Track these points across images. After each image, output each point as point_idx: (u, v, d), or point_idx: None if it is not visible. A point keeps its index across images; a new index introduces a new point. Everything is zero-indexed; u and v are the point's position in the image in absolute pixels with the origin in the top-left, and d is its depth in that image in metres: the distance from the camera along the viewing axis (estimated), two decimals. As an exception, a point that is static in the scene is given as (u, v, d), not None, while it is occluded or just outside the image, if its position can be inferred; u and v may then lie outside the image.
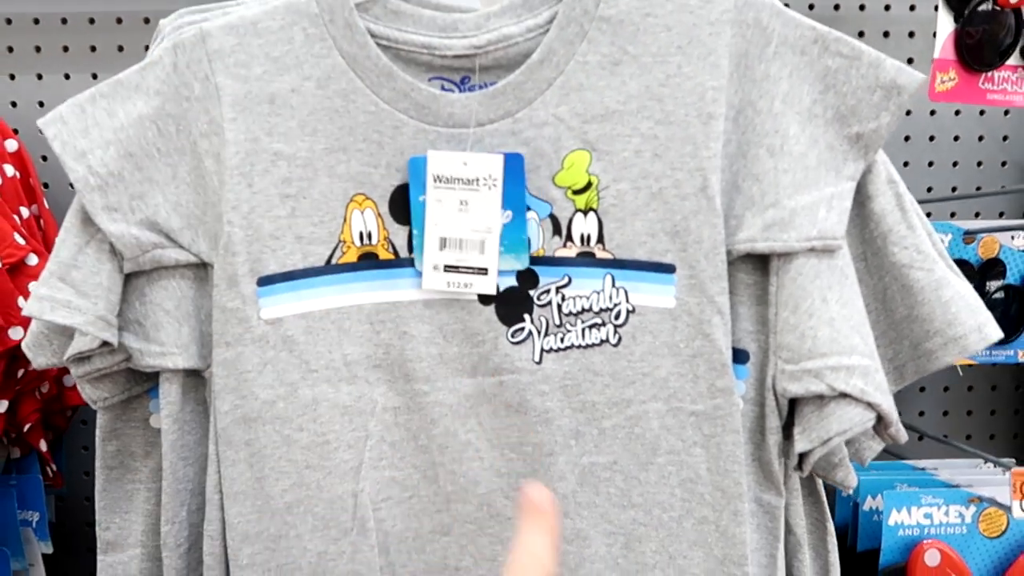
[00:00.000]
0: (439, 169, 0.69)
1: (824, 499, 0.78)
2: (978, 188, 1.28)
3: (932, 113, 1.28)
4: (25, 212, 0.99)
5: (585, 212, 0.70)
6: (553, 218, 0.70)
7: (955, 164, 1.29)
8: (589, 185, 0.70)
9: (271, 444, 0.71)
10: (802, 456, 0.71)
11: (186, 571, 0.75)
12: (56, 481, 1.07)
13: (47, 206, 1.06)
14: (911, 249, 0.70)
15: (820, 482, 0.78)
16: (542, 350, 0.71)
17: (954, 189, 1.29)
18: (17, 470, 1.02)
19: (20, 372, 0.91)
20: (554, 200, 0.70)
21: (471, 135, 0.69)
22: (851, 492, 1.06)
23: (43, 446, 1.00)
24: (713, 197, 0.68)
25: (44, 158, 1.13)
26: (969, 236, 1.09)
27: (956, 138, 1.29)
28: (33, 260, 0.91)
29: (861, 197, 0.71)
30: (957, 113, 1.28)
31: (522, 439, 0.71)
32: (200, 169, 0.70)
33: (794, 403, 0.71)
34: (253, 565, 0.72)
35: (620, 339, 0.71)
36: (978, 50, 0.97)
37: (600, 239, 0.70)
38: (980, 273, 1.09)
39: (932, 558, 0.98)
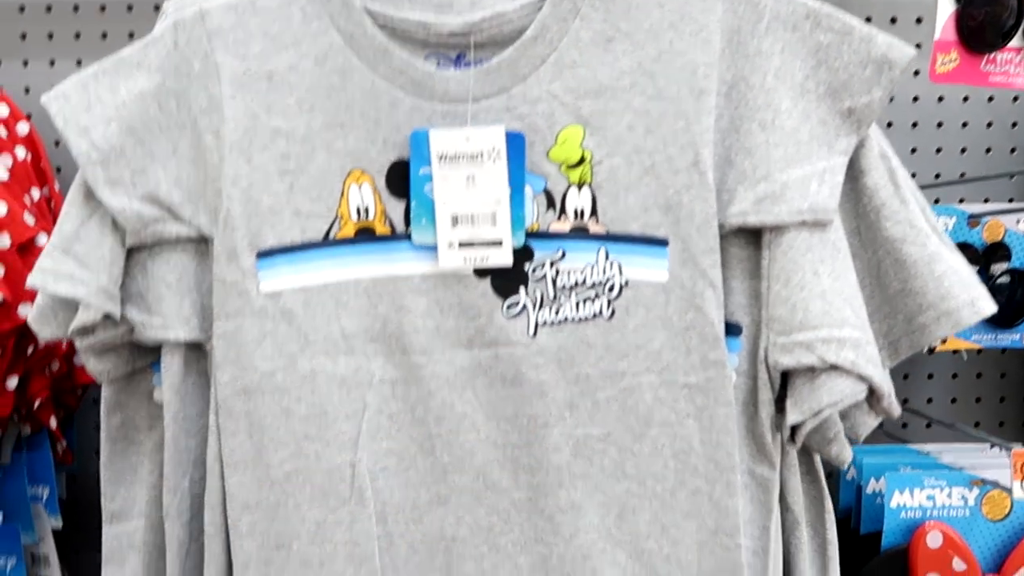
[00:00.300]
0: (443, 147, 0.70)
1: (822, 477, 0.79)
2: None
3: (940, 99, 1.27)
4: (36, 194, 1.01)
5: (579, 187, 0.71)
6: (547, 193, 0.71)
7: (963, 151, 1.28)
8: (583, 160, 0.70)
9: (270, 415, 0.72)
10: (794, 428, 0.71)
11: (188, 540, 0.76)
12: (66, 458, 1.08)
13: (58, 189, 1.08)
14: (904, 223, 0.71)
15: (818, 460, 0.78)
16: (537, 323, 0.72)
17: (963, 175, 1.28)
18: (28, 446, 1.03)
19: (30, 349, 0.93)
20: (548, 175, 0.71)
21: (468, 110, 0.70)
22: (854, 473, 1.06)
23: (53, 423, 1.01)
24: (705, 171, 0.69)
25: (57, 143, 1.14)
26: (974, 220, 1.08)
27: (964, 124, 1.27)
28: (43, 240, 0.92)
29: (854, 172, 0.71)
30: (965, 99, 1.27)
31: (517, 411, 0.72)
32: (200, 145, 0.71)
33: (787, 376, 0.71)
34: (253, 533, 0.73)
35: (614, 312, 0.71)
36: (980, 32, 0.97)
37: (594, 213, 0.71)
38: (985, 257, 1.09)
39: (934, 540, 0.98)
